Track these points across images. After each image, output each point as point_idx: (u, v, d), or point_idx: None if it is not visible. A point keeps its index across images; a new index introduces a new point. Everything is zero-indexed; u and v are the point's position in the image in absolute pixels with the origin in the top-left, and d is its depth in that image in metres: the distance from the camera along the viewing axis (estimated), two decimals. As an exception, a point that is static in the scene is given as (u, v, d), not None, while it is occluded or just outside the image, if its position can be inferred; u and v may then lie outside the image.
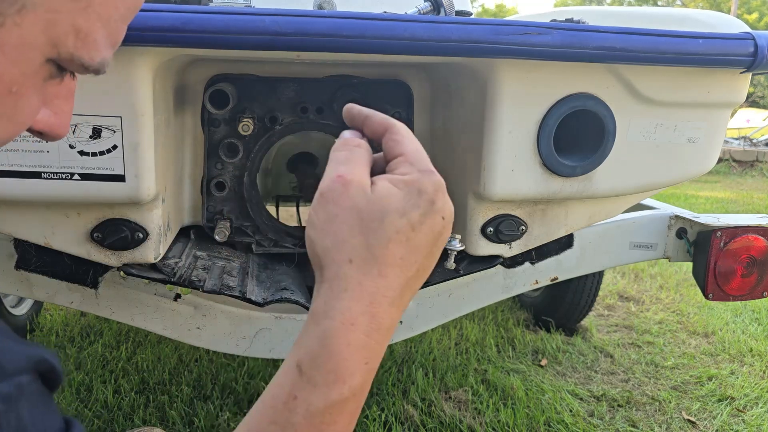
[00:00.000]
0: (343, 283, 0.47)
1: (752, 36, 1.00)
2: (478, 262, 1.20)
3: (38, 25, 0.38)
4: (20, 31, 0.38)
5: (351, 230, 0.47)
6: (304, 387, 0.45)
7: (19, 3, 0.37)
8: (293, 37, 0.85)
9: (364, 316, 0.46)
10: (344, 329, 0.46)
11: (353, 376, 0.46)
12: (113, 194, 0.96)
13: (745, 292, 1.54)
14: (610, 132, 1.07)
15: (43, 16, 0.38)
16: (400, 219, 0.48)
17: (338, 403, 0.46)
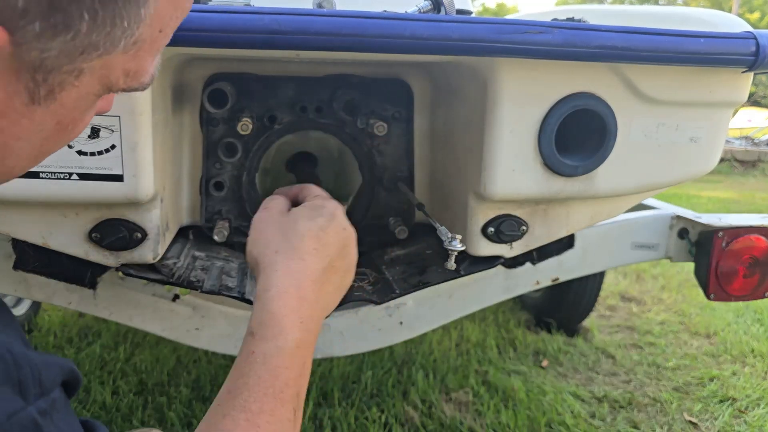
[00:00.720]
0: (275, 267, 0.65)
1: (754, 35, 0.99)
2: (478, 262, 1.19)
3: (94, 81, 0.44)
4: (78, 90, 0.43)
5: (275, 234, 0.69)
6: (258, 344, 0.61)
7: (77, 70, 0.42)
8: (293, 36, 0.84)
9: (292, 287, 0.64)
10: (279, 297, 0.63)
11: (293, 330, 0.63)
12: (111, 194, 0.96)
13: (747, 293, 1.54)
14: (611, 131, 1.07)
15: (98, 73, 0.43)
16: (309, 222, 0.69)
17: (286, 350, 0.62)
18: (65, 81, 0.42)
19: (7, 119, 0.41)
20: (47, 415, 0.38)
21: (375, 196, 1.34)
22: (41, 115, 0.43)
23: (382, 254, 1.32)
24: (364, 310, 1.42)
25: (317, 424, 1.89)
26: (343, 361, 2.24)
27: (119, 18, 0.41)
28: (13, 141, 0.43)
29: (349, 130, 1.30)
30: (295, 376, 0.63)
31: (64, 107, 0.43)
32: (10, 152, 0.44)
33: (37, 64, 0.40)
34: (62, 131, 0.46)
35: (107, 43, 0.41)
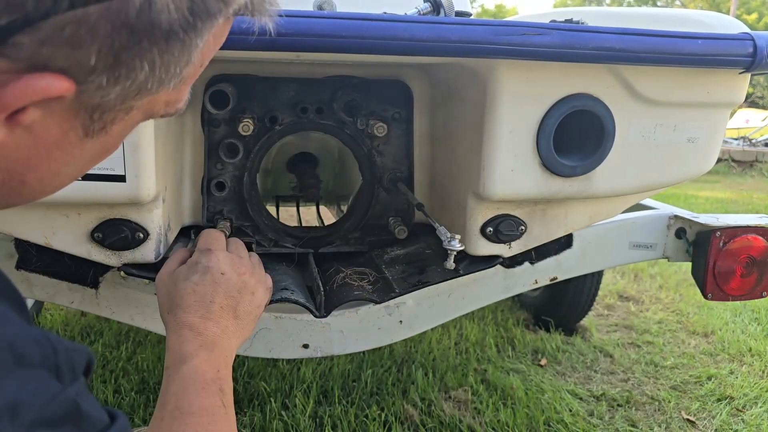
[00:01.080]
0: (170, 325, 0.86)
1: (751, 36, 1.00)
2: (477, 262, 1.20)
3: (140, 114, 0.48)
4: (125, 123, 0.48)
5: (164, 296, 0.90)
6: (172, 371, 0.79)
7: (127, 108, 0.46)
8: (293, 38, 0.85)
9: (186, 330, 0.84)
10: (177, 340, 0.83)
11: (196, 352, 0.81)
12: (114, 194, 0.96)
13: (745, 292, 1.54)
14: (609, 132, 1.08)
15: (144, 108, 0.48)
16: (184, 282, 0.88)
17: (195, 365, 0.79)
18: (117, 117, 0.46)
19: (62, 151, 0.45)
20: (81, 396, 0.42)
21: (375, 196, 1.35)
22: (90, 146, 0.47)
23: (382, 254, 1.33)
24: (364, 309, 1.42)
25: (317, 422, 1.90)
26: (343, 359, 2.25)
27: (173, 65, 0.44)
28: (62, 167, 0.47)
29: (349, 131, 1.30)
30: (211, 378, 0.78)
31: (111, 137, 0.48)
32: (58, 176, 0.48)
33: (96, 106, 0.43)
34: (103, 155, 0.50)
35: (159, 85, 0.45)
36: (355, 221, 1.37)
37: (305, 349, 1.40)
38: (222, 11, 0.44)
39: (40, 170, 0.46)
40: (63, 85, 0.40)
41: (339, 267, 1.25)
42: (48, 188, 0.49)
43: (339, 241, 1.37)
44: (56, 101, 0.41)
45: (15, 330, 0.41)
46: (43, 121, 0.42)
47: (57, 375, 0.41)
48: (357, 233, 1.37)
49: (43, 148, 0.44)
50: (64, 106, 0.42)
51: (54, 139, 0.44)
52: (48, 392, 0.39)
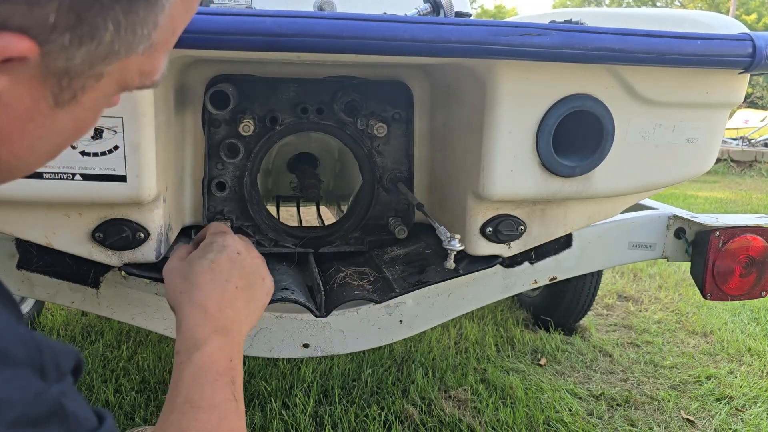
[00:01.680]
0: (182, 304, 0.82)
1: (750, 37, 1.01)
2: (477, 261, 1.20)
3: (112, 83, 0.46)
4: (97, 92, 0.46)
5: (177, 279, 0.86)
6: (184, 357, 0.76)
7: (98, 74, 0.44)
8: (294, 38, 0.85)
9: (199, 312, 0.81)
10: (189, 321, 0.80)
11: (209, 338, 0.78)
12: (114, 194, 0.97)
13: (744, 292, 1.55)
14: (609, 132, 1.08)
15: (116, 76, 0.46)
16: (201, 260, 0.86)
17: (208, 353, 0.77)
18: (87, 84, 0.44)
19: (34, 122, 0.44)
20: (66, 396, 0.42)
21: (375, 196, 1.35)
22: (63, 117, 0.45)
23: (382, 254, 1.33)
24: (364, 308, 1.43)
25: (318, 421, 1.91)
26: (343, 359, 2.25)
27: (139, 26, 0.43)
28: (37, 142, 0.46)
29: (349, 131, 1.31)
30: (223, 368, 0.77)
31: (83, 108, 0.46)
32: (32, 152, 0.47)
33: (63, 71, 0.42)
34: (78, 130, 0.49)
35: (127, 49, 0.44)
36: (355, 221, 1.37)
37: (305, 349, 1.41)
38: None
39: (14, 144, 0.44)
40: (24, 44, 0.38)
41: (339, 267, 1.25)
42: (23, 165, 0.48)
43: (339, 241, 1.37)
44: (21, 66, 0.40)
45: (3, 326, 0.41)
46: (11, 90, 0.41)
47: (42, 374, 0.41)
48: (357, 233, 1.38)
49: (14, 119, 0.43)
50: (31, 71, 0.41)
51: (25, 109, 0.43)
52: (32, 391, 0.39)
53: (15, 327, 0.42)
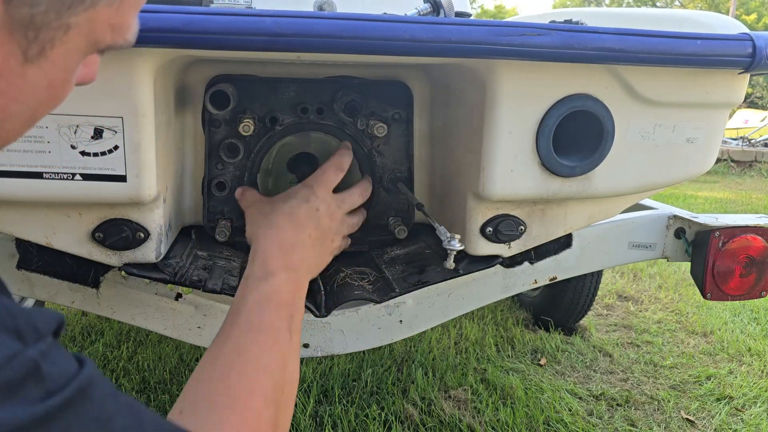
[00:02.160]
0: (258, 237, 0.95)
1: (750, 37, 1.01)
2: (477, 261, 1.20)
3: (81, 37, 0.45)
4: (67, 47, 0.45)
5: (257, 216, 1.02)
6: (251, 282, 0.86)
7: (65, 26, 0.43)
8: (294, 38, 0.85)
9: (273, 245, 0.92)
10: (263, 252, 0.91)
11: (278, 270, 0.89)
12: (114, 194, 0.97)
13: (744, 292, 1.55)
14: (608, 132, 1.08)
15: (84, 29, 0.45)
16: (282, 203, 1.00)
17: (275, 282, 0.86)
18: (55, 37, 0.43)
19: (5, 80, 0.43)
20: (46, 356, 0.40)
21: (375, 196, 1.35)
22: (34, 75, 0.44)
23: (382, 254, 1.33)
24: (364, 308, 1.43)
25: (318, 421, 1.91)
26: (343, 359, 2.25)
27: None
28: (11, 103, 0.45)
29: (349, 131, 1.31)
30: (285, 301, 0.84)
31: (55, 66, 0.45)
32: (9, 115, 0.45)
33: (28, 21, 0.41)
34: (53, 93, 0.47)
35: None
36: (355, 221, 1.37)
37: (305, 349, 1.41)
38: None
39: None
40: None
41: (339, 267, 1.25)
42: (2, 131, 0.46)
43: (339, 241, 1.37)
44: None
45: None
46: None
47: (18, 336, 0.40)
48: (357, 233, 1.38)
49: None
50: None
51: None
52: (5, 353, 0.38)
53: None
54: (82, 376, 0.42)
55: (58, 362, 0.41)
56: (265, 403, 0.71)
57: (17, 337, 0.40)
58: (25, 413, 0.36)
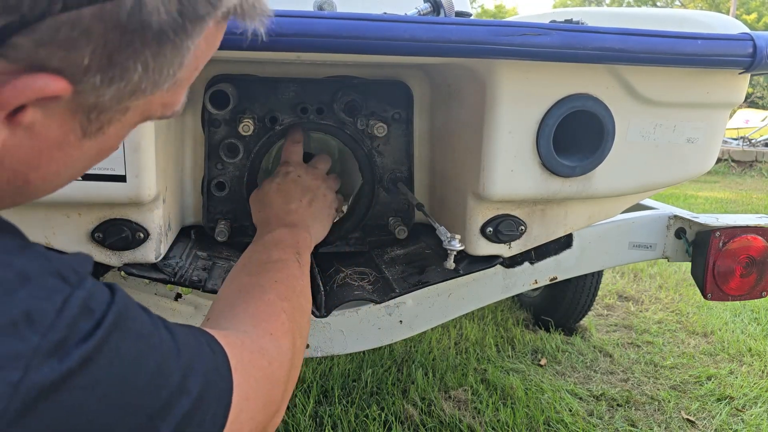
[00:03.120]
0: (260, 222, 1.13)
1: (751, 37, 1.00)
2: (477, 262, 1.20)
3: (137, 115, 0.50)
4: (122, 124, 0.49)
5: (257, 204, 1.17)
6: (256, 240, 1.04)
7: (123, 109, 0.47)
8: (293, 38, 0.85)
9: (271, 217, 1.09)
10: (264, 223, 1.10)
11: (277, 228, 1.05)
12: (114, 194, 0.97)
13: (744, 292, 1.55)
14: (609, 132, 1.08)
15: (140, 109, 0.49)
16: (269, 184, 1.16)
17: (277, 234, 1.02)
18: (114, 118, 0.48)
19: (62, 151, 0.47)
20: (91, 293, 0.45)
21: (375, 196, 1.35)
22: (89, 147, 0.49)
23: (382, 254, 1.33)
24: (364, 309, 1.43)
25: (317, 421, 1.90)
26: (343, 359, 2.25)
27: (166, 67, 0.46)
28: (63, 168, 0.49)
29: (349, 131, 1.31)
30: (289, 243, 0.99)
31: (108, 138, 0.50)
32: (59, 177, 0.50)
33: (92, 107, 0.45)
34: (101, 155, 0.52)
35: (153, 87, 0.47)
36: (355, 221, 1.37)
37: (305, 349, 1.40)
38: (210, 14, 0.46)
39: (42, 170, 0.47)
40: (59, 85, 0.41)
41: (339, 267, 1.25)
42: (50, 187, 0.51)
43: (339, 241, 1.37)
44: (54, 101, 0.43)
45: (10, 251, 0.44)
46: (43, 122, 0.44)
47: (62, 279, 0.44)
48: (357, 233, 1.38)
49: (44, 148, 0.46)
50: (62, 106, 0.43)
51: (54, 139, 0.45)
52: (59, 297, 0.42)
53: (22, 248, 0.45)
54: (116, 301, 0.46)
55: (98, 295, 0.46)
56: (279, 298, 0.81)
57: (61, 280, 0.43)
58: (82, 350, 0.41)
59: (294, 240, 1.01)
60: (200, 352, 0.55)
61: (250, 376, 0.61)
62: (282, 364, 0.70)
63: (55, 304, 0.41)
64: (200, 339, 0.57)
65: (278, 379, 0.68)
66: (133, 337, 0.47)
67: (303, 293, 0.91)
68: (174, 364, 0.49)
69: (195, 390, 0.50)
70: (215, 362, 0.56)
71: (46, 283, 0.43)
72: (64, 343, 0.41)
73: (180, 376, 0.49)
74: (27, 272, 0.42)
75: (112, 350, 0.44)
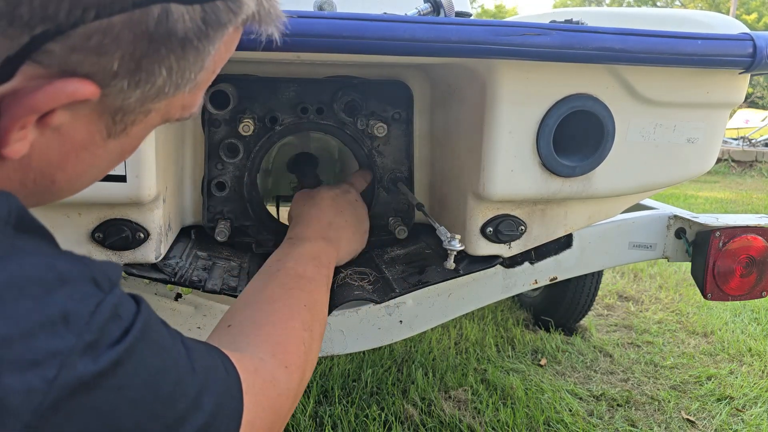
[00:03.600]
0: (302, 214, 1.16)
1: (751, 37, 1.00)
2: (477, 262, 1.20)
3: (158, 116, 0.52)
4: (144, 124, 0.51)
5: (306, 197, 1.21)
6: (286, 242, 1.09)
7: (146, 110, 0.49)
8: (293, 38, 0.85)
9: (315, 220, 1.15)
10: (305, 223, 1.14)
11: (312, 237, 1.09)
12: (114, 194, 0.97)
13: (744, 292, 1.55)
14: (609, 132, 1.08)
15: (162, 111, 0.51)
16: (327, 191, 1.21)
17: (307, 243, 1.05)
18: (137, 119, 0.50)
19: (88, 152, 0.49)
20: (120, 300, 0.46)
21: (375, 196, 1.35)
22: (113, 147, 0.51)
23: (382, 254, 1.33)
24: (364, 309, 1.43)
25: (317, 421, 1.90)
26: (343, 359, 2.25)
27: (188, 70, 0.48)
28: (88, 168, 0.51)
29: (349, 131, 1.31)
30: (325, 263, 1.02)
31: (130, 138, 0.52)
32: (84, 177, 0.52)
33: (118, 109, 0.47)
34: (122, 156, 0.54)
35: (175, 89, 0.49)
36: (355, 221, 1.37)
37: (305, 349, 1.40)
38: (232, 21, 0.48)
39: (68, 170, 0.49)
40: (89, 89, 0.43)
41: (339, 267, 1.25)
42: (74, 188, 0.53)
43: (339, 241, 1.37)
44: (82, 104, 0.44)
45: (52, 254, 0.46)
46: (71, 124, 0.46)
47: (96, 284, 0.45)
48: (357, 233, 1.38)
49: (71, 149, 0.47)
50: (90, 109, 0.46)
51: (81, 140, 0.47)
52: (94, 301, 0.44)
53: (62, 252, 0.47)
54: (142, 311, 0.48)
55: (126, 304, 0.47)
56: (303, 327, 0.82)
57: (95, 285, 0.45)
58: (113, 353, 0.43)
59: (329, 259, 1.05)
60: (215, 371, 0.56)
61: (259, 403, 0.62)
62: (288, 397, 0.70)
63: (89, 307, 0.43)
64: (216, 359, 0.58)
65: (283, 410, 0.69)
66: (157, 348, 0.48)
67: (323, 321, 0.92)
68: (191, 380, 0.50)
69: (209, 407, 0.51)
70: (228, 383, 0.57)
71: (83, 287, 0.44)
72: (96, 345, 0.42)
73: (196, 392, 0.50)
74: (66, 275, 0.43)
75: (139, 357, 0.45)
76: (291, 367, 0.74)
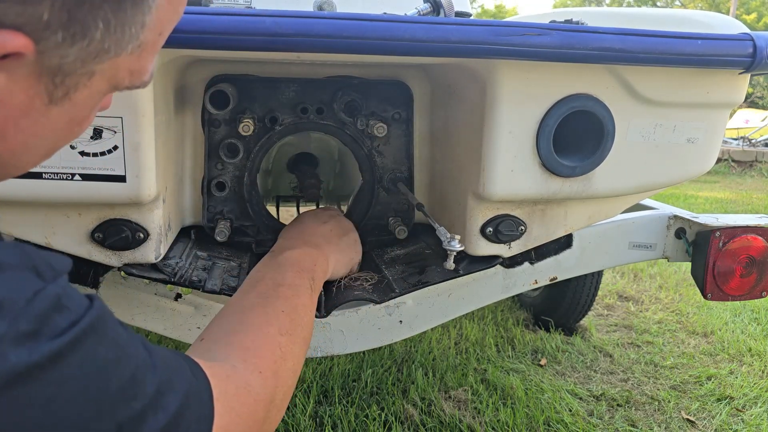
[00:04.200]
0: (285, 231, 1.18)
1: (751, 37, 1.00)
2: (477, 262, 1.20)
3: (103, 81, 0.48)
4: (89, 90, 0.48)
5: (293, 219, 1.24)
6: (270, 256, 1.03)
7: (89, 72, 0.46)
8: (293, 38, 0.85)
9: (297, 232, 1.15)
10: (288, 236, 1.13)
11: (297, 248, 1.04)
12: (114, 194, 0.97)
13: (744, 292, 1.55)
14: (609, 132, 1.08)
15: (107, 74, 0.48)
16: (310, 211, 1.24)
17: (295, 254, 1.01)
18: (79, 82, 0.46)
19: (29, 119, 0.46)
20: (65, 290, 0.45)
21: (375, 196, 1.35)
22: (56, 114, 0.47)
23: (382, 254, 1.33)
24: (364, 309, 1.43)
25: (317, 421, 1.90)
26: (343, 359, 2.25)
27: (128, 25, 0.45)
28: (32, 139, 0.48)
29: (349, 131, 1.31)
30: (306, 267, 0.98)
31: (76, 106, 0.48)
32: (28, 149, 0.49)
33: (57, 69, 0.44)
34: (72, 128, 0.51)
35: (117, 47, 0.46)
36: (355, 221, 1.37)
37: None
38: None
39: (9, 140, 0.46)
40: (20, 41, 0.40)
41: None
42: (19, 162, 0.49)
43: (339, 241, 1.37)
44: (17, 62, 0.42)
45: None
46: (7, 87, 0.43)
47: (38, 274, 0.44)
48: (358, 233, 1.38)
49: (10, 116, 0.44)
50: (26, 68, 0.43)
51: (19, 105, 0.44)
52: (31, 289, 0.42)
53: (2, 243, 0.45)
54: (96, 307, 0.46)
55: (74, 296, 0.46)
56: (280, 332, 0.80)
57: (36, 275, 0.44)
58: (53, 344, 0.41)
59: (311, 263, 1.01)
60: (180, 372, 0.54)
61: (232, 409, 0.60)
62: (265, 402, 0.69)
63: (26, 295, 0.41)
64: (182, 362, 0.56)
65: (259, 416, 0.67)
66: (109, 343, 0.46)
67: (306, 325, 0.89)
68: (150, 377, 0.48)
69: (172, 408, 0.49)
70: (197, 387, 0.55)
71: (20, 274, 0.43)
72: (35, 335, 0.40)
73: (155, 390, 0.48)
74: (1, 263, 0.42)
75: (87, 351, 0.44)
76: (265, 372, 0.71)
